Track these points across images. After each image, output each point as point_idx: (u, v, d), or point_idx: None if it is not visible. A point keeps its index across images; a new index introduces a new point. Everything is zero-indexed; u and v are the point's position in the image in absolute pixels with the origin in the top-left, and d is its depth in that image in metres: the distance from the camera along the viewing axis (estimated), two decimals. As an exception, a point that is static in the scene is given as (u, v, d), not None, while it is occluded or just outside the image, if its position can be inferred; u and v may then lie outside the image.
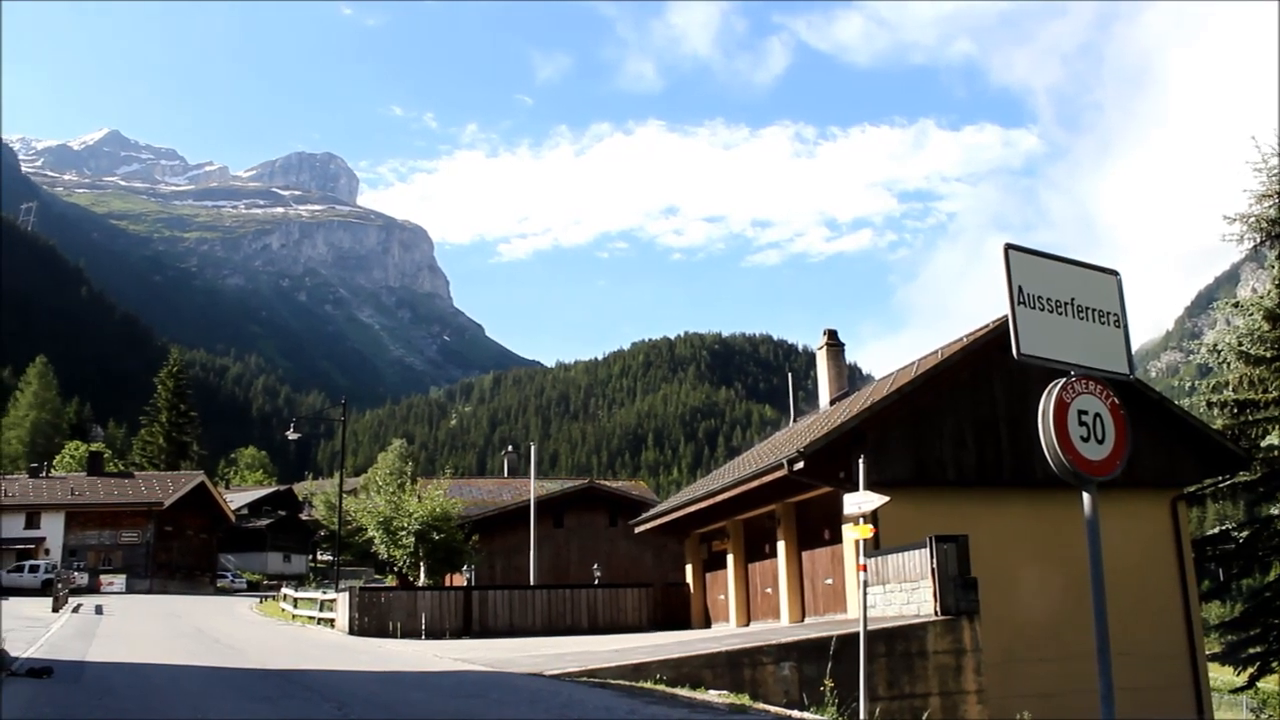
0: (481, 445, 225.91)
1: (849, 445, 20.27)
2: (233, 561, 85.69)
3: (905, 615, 17.70)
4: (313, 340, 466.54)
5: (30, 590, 52.13)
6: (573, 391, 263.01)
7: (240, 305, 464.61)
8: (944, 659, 16.54)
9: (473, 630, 29.48)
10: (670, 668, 14.75)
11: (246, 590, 73.29)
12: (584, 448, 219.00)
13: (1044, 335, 6.65)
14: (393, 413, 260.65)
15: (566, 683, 13.96)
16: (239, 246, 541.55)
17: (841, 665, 14.96)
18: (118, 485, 70.86)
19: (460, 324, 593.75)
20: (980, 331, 22.77)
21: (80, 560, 63.95)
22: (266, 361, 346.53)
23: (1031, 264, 6.79)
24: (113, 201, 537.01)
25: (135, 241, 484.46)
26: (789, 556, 24.50)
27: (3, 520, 65.55)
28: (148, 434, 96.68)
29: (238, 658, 20.09)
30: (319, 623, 33.97)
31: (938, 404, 22.16)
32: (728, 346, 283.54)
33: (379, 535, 38.96)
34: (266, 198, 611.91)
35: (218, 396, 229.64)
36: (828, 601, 22.87)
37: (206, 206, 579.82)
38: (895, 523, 19.40)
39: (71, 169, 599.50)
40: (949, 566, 17.15)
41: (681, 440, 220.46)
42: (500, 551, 43.97)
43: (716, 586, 30.19)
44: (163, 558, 67.91)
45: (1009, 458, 21.84)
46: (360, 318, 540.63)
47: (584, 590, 32.89)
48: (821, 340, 30.59)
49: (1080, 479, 6.52)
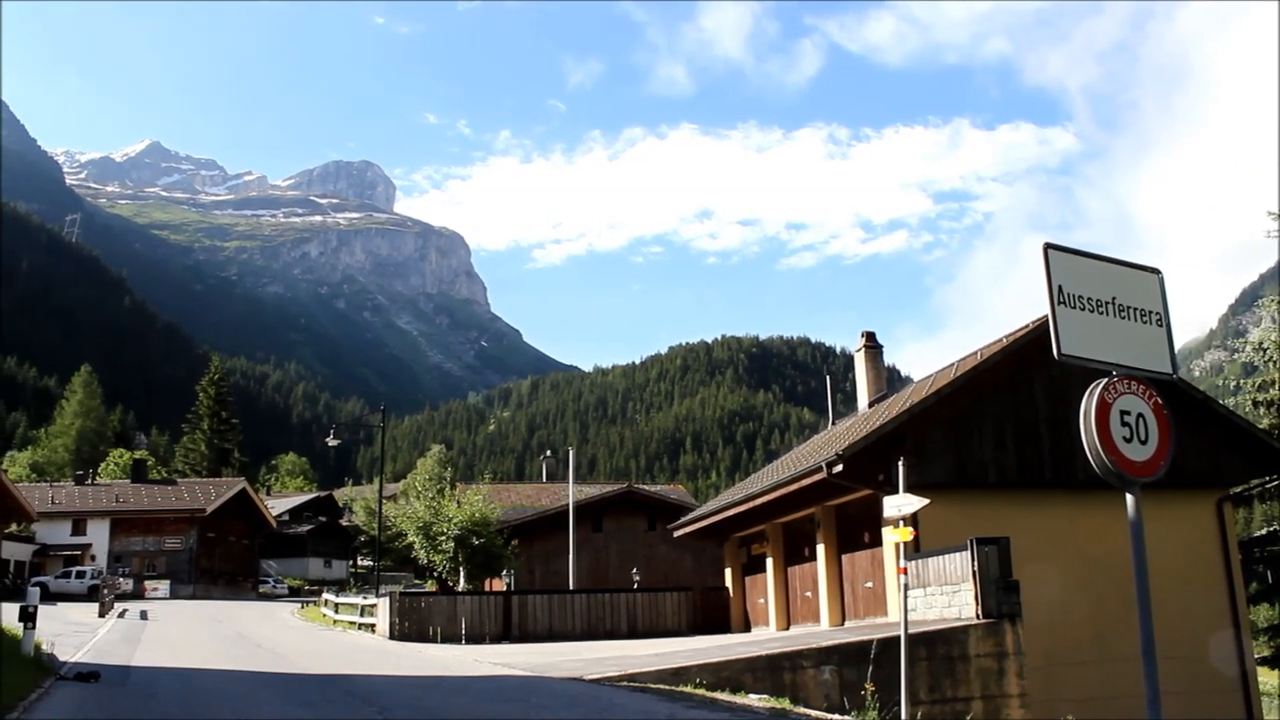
0: (520, 450, 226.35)
1: (888, 448, 20.13)
2: (274, 567, 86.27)
3: (946, 618, 17.57)
4: (352, 347, 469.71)
5: (77, 596, 52.78)
6: (610, 396, 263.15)
7: (280, 313, 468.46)
8: (986, 662, 16.40)
9: (512, 635, 29.53)
10: (710, 672, 14.72)
11: (288, 595, 73.74)
12: (622, 452, 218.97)
13: (1085, 335, 6.58)
14: (431, 418, 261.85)
15: (606, 687, 13.96)
16: (278, 255, 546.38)
17: (883, 669, 14.87)
18: (161, 492, 71.54)
19: (498, 329, 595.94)
20: (1020, 332, 22.57)
21: (125, 566, 64.63)
22: (306, 368, 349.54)
23: (1071, 263, 6.71)
24: (154, 212, 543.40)
25: (176, 251, 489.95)
26: (829, 560, 24.38)
27: (50, 527, 66.45)
28: (190, 441, 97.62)
29: (280, 662, 20.23)
30: (360, 627, 34.14)
31: (977, 405, 21.98)
32: (765, 349, 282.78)
33: (419, 540, 39.17)
34: (305, 206, 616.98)
35: (258, 404, 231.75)
36: (868, 605, 22.74)
37: (246, 216, 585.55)
38: (935, 525, 19.26)
39: (114, 180, 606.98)
40: (990, 569, 17.01)
41: (720, 444, 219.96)
42: (539, 556, 44.05)
43: (756, 590, 30.09)
44: (205, 563, 68.49)
45: (1050, 459, 21.62)
46: (398, 324, 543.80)
47: (623, 594, 32.88)
48: (859, 342, 30.45)
49: (1123, 480, 6.44)
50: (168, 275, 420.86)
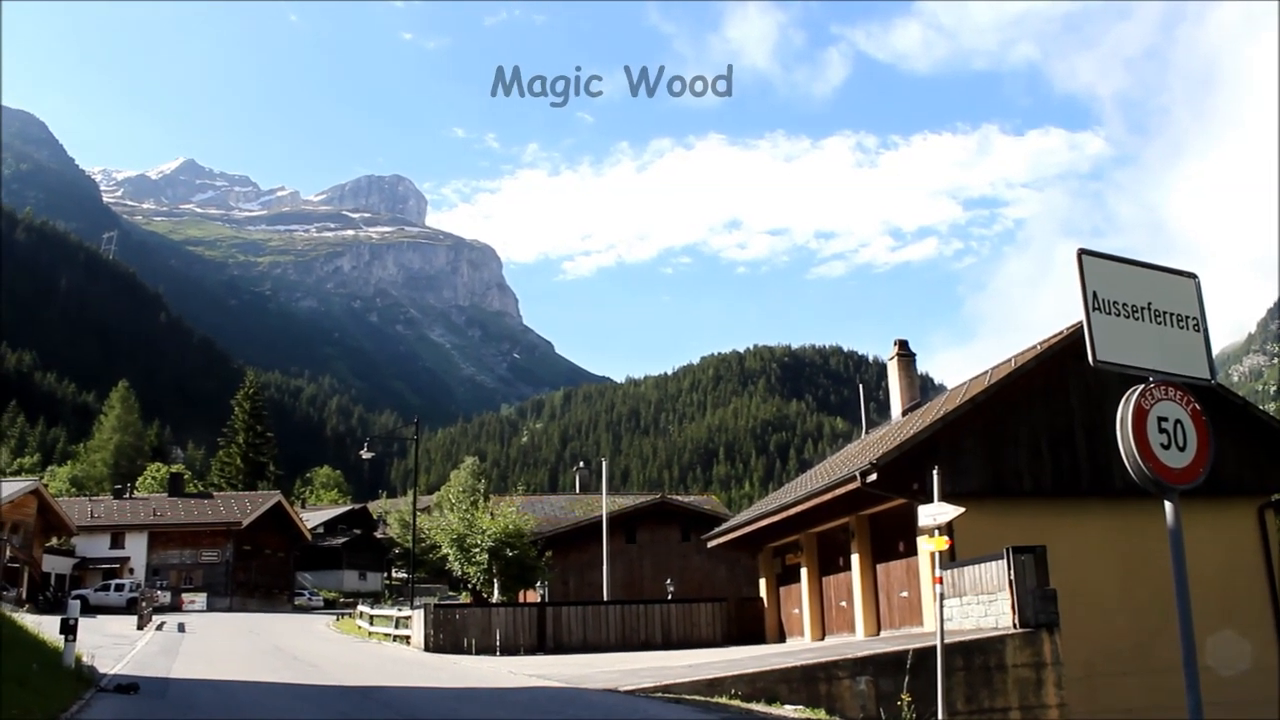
0: (553, 462, 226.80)
1: (922, 456, 20.02)
2: (310, 580, 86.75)
3: (983, 628, 17.43)
4: (385, 360, 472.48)
5: (116, 608, 53.27)
6: (643, 407, 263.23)
7: (313, 327, 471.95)
8: (1024, 673, 16.26)
9: (547, 646, 29.55)
10: (745, 683, 14.67)
11: (323, 608, 74.15)
12: (655, 463, 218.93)
13: (1121, 341, 6.53)
14: (464, 430, 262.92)
15: (641, 698, 13.95)
16: (311, 269, 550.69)
17: (918, 679, 14.77)
18: (198, 506, 72.15)
19: (530, 341, 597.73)
20: (1054, 339, 22.41)
21: (163, 579, 65.21)
22: (340, 382, 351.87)
23: (1106, 269, 6.66)
24: (189, 228, 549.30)
25: (211, 267, 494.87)
26: (863, 569, 24.26)
27: (89, 541, 67.21)
28: (225, 455, 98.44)
29: (316, 674, 20.33)
30: (395, 640, 34.25)
31: (1012, 413, 21.82)
32: (797, 359, 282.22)
33: (453, 552, 39.27)
34: (337, 221, 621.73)
35: (293, 417, 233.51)
36: (903, 614, 22.60)
37: (279, 231, 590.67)
38: (971, 534, 19.12)
39: (150, 198, 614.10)
40: (1027, 578, 16.87)
41: (753, 454, 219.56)
42: (573, 567, 44.04)
43: (790, 600, 29.98)
44: (242, 576, 69.00)
45: (1087, 467, 21.43)
46: (431, 337, 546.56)
47: (657, 605, 32.83)
48: (892, 351, 30.32)
49: (1162, 488, 6.37)
50: (203, 291, 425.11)
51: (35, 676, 12.93)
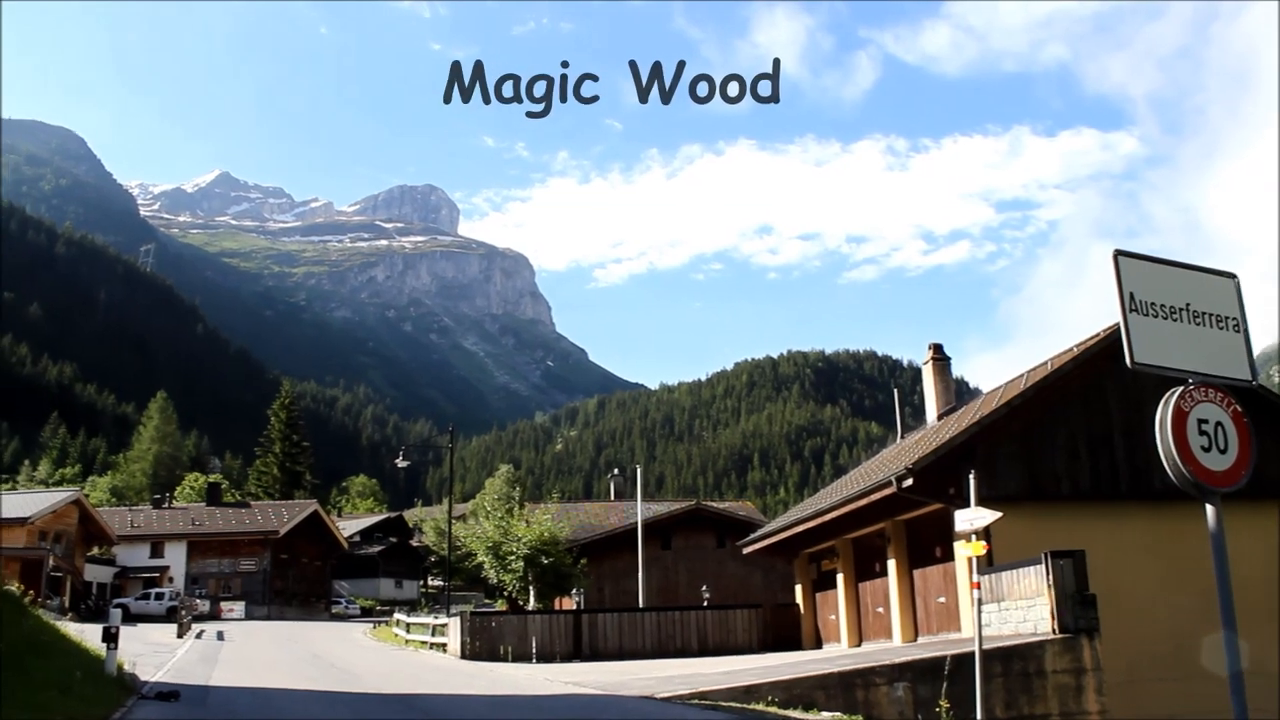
0: (587, 469, 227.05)
1: (958, 461, 19.91)
2: (346, 588, 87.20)
3: (1021, 634, 17.29)
4: (419, 369, 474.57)
5: (156, 617, 53.74)
6: (677, 413, 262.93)
7: (348, 337, 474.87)
8: (1063, 679, 16.12)
9: (583, 653, 29.57)
10: (782, 689, 14.63)
11: (360, 616, 74.50)
12: (690, 469, 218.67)
13: (1159, 342, 6.47)
14: (499, 439, 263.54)
15: (677, 705, 13.93)
16: (345, 280, 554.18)
17: (957, 686, 14.68)
18: (235, 515, 72.70)
19: (563, 349, 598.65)
20: (1091, 341, 22.22)
21: (202, 588, 65.78)
22: (375, 391, 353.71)
23: (1143, 270, 6.61)
24: (224, 240, 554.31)
25: (246, 278, 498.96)
26: (900, 575, 24.13)
27: (129, 550, 67.90)
28: (262, 464, 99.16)
29: (354, 682, 20.44)
30: (431, 647, 34.39)
31: (1049, 416, 21.66)
32: (831, 364, 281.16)
33: (488, 560, 39.42)
34: (371, 231, 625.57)
35: (328, 426, 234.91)
36: (941, 620, 22.46)
37: (313, 242, 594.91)
38: (1008, 539, 18.97)
39: (186, 210, 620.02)
40: (1066, 583, 16.73)
41: (788, 459, 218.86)
42: (608, 574, 44.08)
43: (827, 606, 29.86)
44: (279, 585, 69.46)
45: (1126, 470, 21.23)
46: (465, 346, 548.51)
47: (693, 612, 32.80)
48: (927, 355, 30.17)
49: (1202, 490, 6.31)
50: (238, 302, 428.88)
51: (78, 684, 13.06)
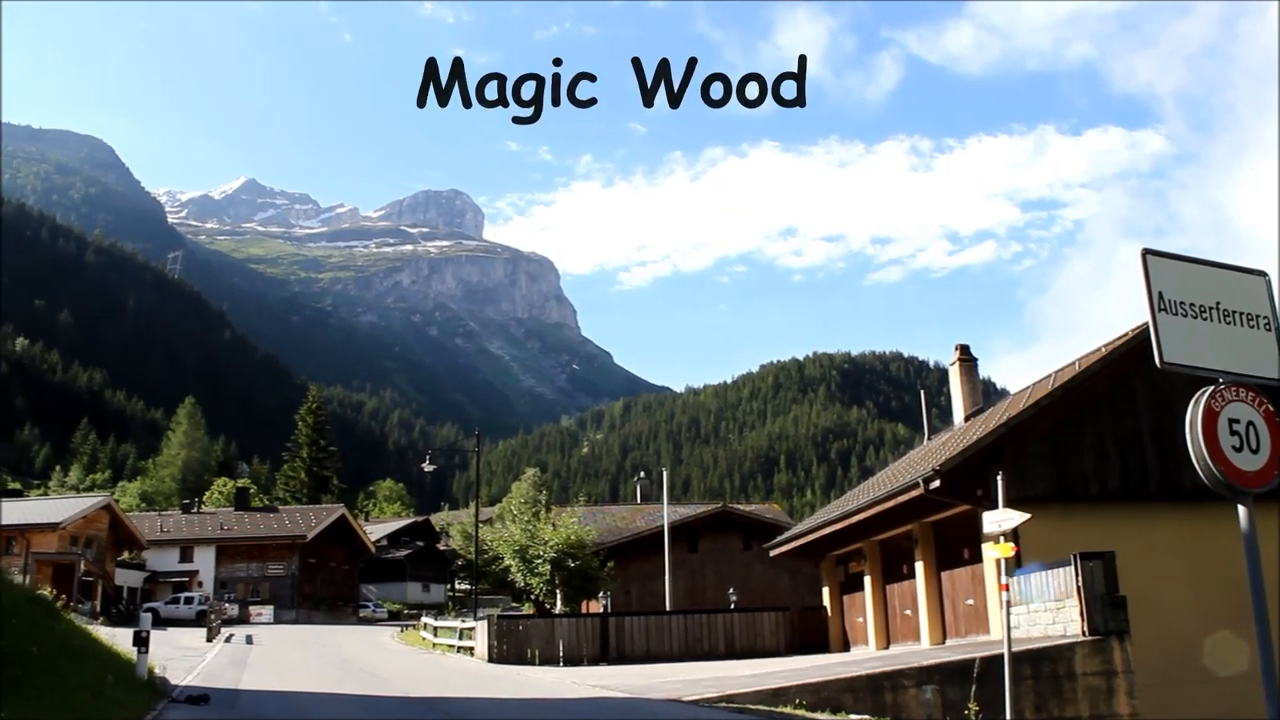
0: (613, 472, 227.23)
1: (986, 462, 19.80)
2: (374, 592, 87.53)
3: (1051, 636, 17.18)
4: (445, 373, 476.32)
5: (185, 621, 54.10)
6: (703, 416, 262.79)
7: (374, 342, 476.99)
8: (1093, 681, 16.00)
9: (610, 656, 29.55)
10: (810, 692, 14.58)
11: (387, 620, 74.74)
12: (716, 472, 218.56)
13: (1188, 342, 6.42)
14: (525, 442, 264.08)
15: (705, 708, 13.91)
16: (371, 285, 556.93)
17: (986, 688, 14.60)
18: (263, 519, 73.10)
19: (589, 352, 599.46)
20: (1119, 341, 22.05)
21: (231, 592, 66.19)
22: (401, 395, 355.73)
23: (1171, 269, 6.56)
24: (251, 247, 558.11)
25: (273, 284, 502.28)
26: (928, 577, 24.02)
27: (159, 555, 68.42)
28: (290, 469, 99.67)
29: (382, 686, 20.50)
30: (458, 650, 34.46)
31: (1077, 417, 21.51)
32: (857, 365, 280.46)
33: (515, 564, 39.47)
34: (396, 236, 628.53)
35: (355, 431, 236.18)
36: (969, 623, 22.34)
37: (339, 247, 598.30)
38: (1037, 540, 18.86)
39: (213, 217, 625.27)
40: (1096, 585, 16.61)
41: (814, 462, 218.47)
42: (635, 577, 44.05)
43: (854, 609, 29.75)
44: (307, 589, 69.78)
45: (1155, 471, 21.05)
46: (490, 349, 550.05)
47: (720, 615, 32.75)
48: (954, 356, 30.01)
49: (1234, 491, 6.25)
50: (265, 308, 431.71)
51: (110, 687, 13.16)
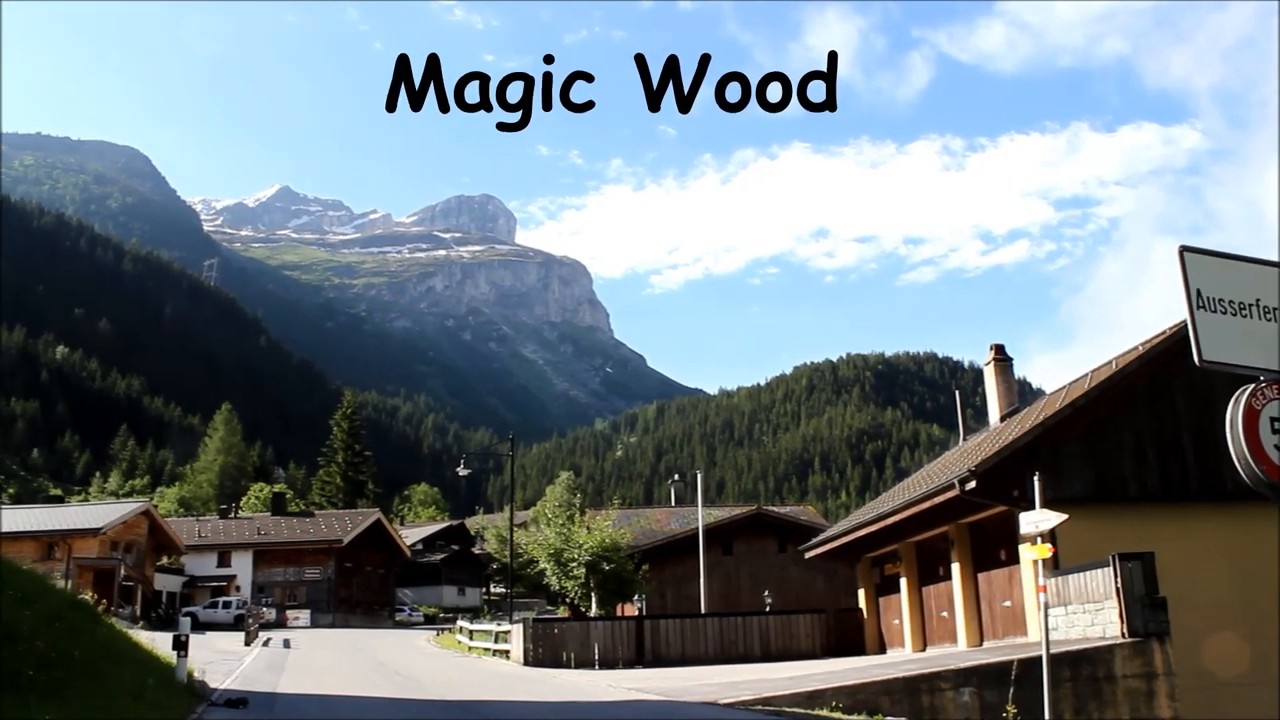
0: (647, 475, 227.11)
1: (1022, 462, 19.66)
2: (409, 595, 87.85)
3: (1090, 638, 17.03)
4: (479, 378, 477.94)
5: (224, 625, 54.61)
6: (736, 418, 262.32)
7: (408, 347, 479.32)
8: (1134, 683, 15.84)
9: (645, 659, 29.56)
10: (846, 695, 14.53)
11: (423, 623, 75.00)
12: (750, 474, 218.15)
13: (1227, 339, 6.35)
14: (559, 446, 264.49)
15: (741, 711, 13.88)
16: (404, 290, 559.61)
17: (1024, 690, 14.48)
18: (300, 524, 73.56)
19: (622, 355, 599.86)
20: (1156, 339, 21.83)
21: (268, 596, 66.65)
22: (435, 400, 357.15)
23: (1210, 266, 6.49)
24: (285, 254, 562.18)
25: (307, 291, 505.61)
26: (964, 579, 23.86)
27: (197, 560, 69.04)
28: (325, 474, 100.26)
29: (418, 689, 20.59)
30: (494, 654, 34.54)
31: (1114, 417, 21.31)
32: (891, 366, 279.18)
33: (550, 567, 39.52)
34: (429, 241, 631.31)
35: (390, 436, 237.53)
36: (1006, 624, 22.17)
37: (372, 253, 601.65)
38: (1074, 541, 18.69)
39: (248, 225, 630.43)
40: (1135, 586, 16.45)
41: (849, 463, 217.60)
42: (670, 580, 44.03)
43: (890, 611, 29.61)
44: (343, 593, 70.15)
45: (1195, 470, 20.81)
46: (524, 354, 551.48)
47: (755, 617, 32.68)
48: (989, 356, 29.82)
49: (1277, 491, 6.17)
50: (300, 314, 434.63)
51: (150, 691, 13.29)
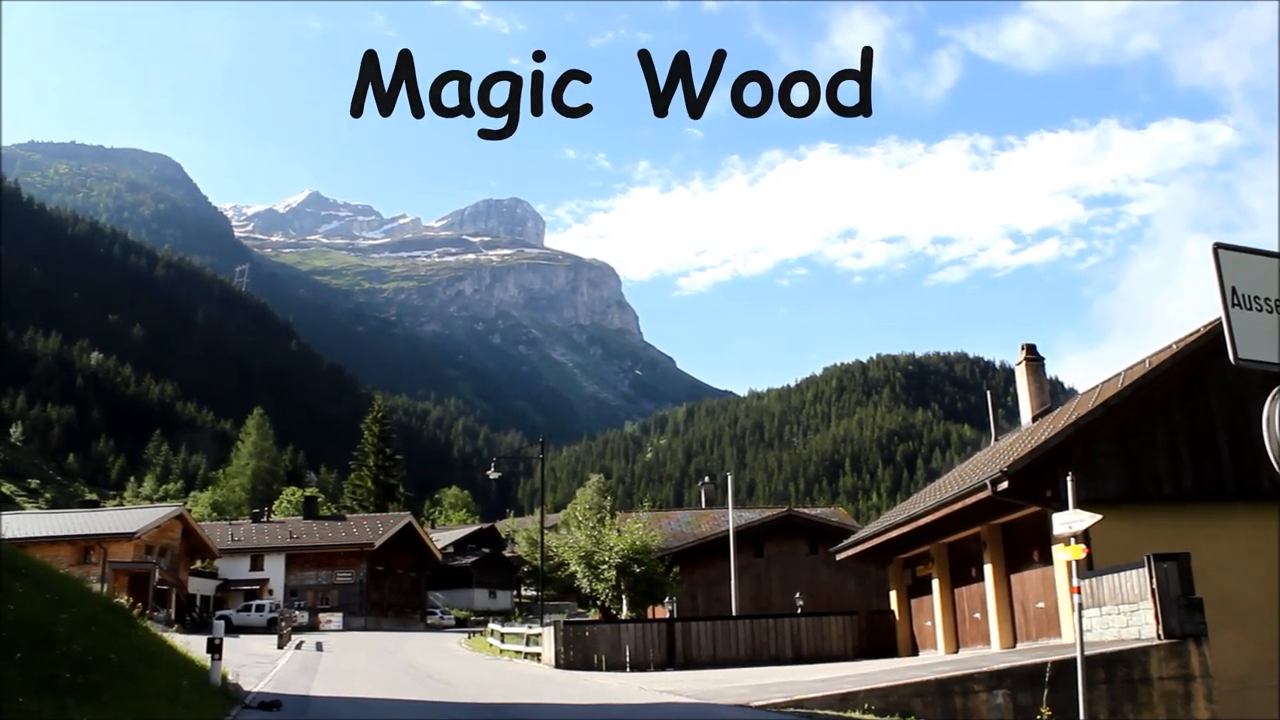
0: (677, 477, 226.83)
1: (1055, 463, 19.53)
2: (441, 598, 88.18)
3: (1125, 639, 16.89)
4: (508, 381, 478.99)
5: (257, 628, 54.97)
6: (766, 419, 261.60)
7: (438, 350, 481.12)
8: (1170, 685, 15.69)
9: (676, 662, 29.54)
10: (878, 697, 14.47)
11: (455, 626, 75.28)
12: (780, 475, 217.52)
13: (1263, 337, 6.28)
14: (589, 448, 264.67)
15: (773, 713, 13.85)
16: (434, 294, 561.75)
17: (1058, 693, 14.37)
18: (331, 528, 73.97)
19: (651, 358, 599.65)
20: (1191, 337, 21.64)
21: (300, 599, 67.03)
22: (465, 403, 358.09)
23: (1245, 263, 6.42)
24: (316, 259, 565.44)
25: (338, 295, 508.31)
26: (997, 580, 23.72)
27: (230, 563, 69.55)
28: (357, 478, 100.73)
29: (450, 692, 20.64)
30: (525, 656, 34.61)
31: (1148, 416, 21.14)
32: (922, 367, 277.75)
33: (581, 569, 39.56)
34: (458, 245, 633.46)
35: (420, 439, 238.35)
36: (1040, 626, 22.03)
37: (402, 257, 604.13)
38: (1108, 542, 18.54)
39: (278, 230, 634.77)
40: (1170, 587, 16.30)
41: (879, 464, 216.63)
42: (701, 582, 43.99)
43: (922, 612, 29.48)
44: (375, 596, 70.48)
45: (1231, 469, 20.61)
46: (553, 356, 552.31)
47: (786, 619, 32.59)
48: (1020, 355, 29.64)
49: (1313, 489, 6.11)
50: (330, 319, 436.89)
51: (185, 693, 13.39)
